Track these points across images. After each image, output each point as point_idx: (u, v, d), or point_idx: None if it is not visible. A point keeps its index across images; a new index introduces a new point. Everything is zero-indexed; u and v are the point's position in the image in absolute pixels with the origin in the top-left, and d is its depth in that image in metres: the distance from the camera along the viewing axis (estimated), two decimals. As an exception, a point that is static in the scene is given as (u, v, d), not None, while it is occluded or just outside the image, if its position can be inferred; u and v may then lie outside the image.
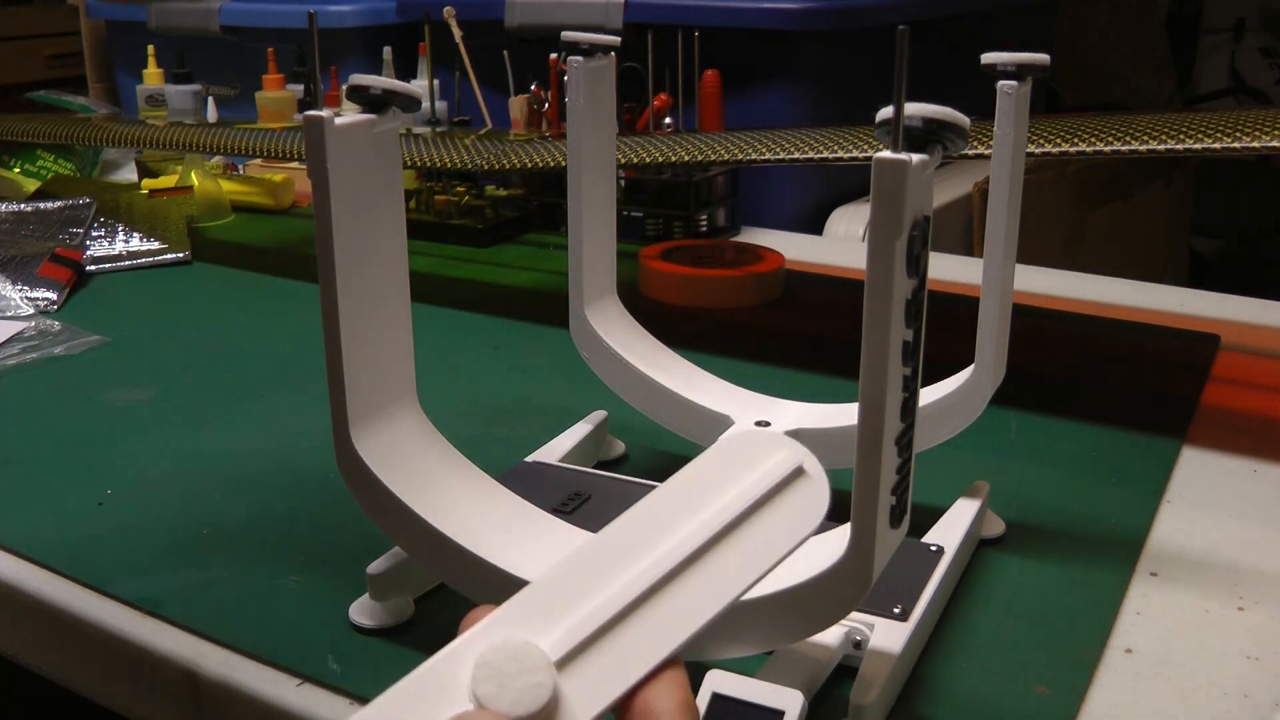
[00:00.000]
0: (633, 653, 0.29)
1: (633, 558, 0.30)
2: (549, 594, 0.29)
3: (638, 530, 0.31)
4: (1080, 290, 0.95)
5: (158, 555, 0.55)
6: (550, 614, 0.29)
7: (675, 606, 0.29)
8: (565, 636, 0.28)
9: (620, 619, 0.29)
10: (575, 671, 0.28)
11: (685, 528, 0.31)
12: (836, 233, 1.14)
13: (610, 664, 0.28)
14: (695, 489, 0.32)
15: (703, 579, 0.30)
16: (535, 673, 0.27)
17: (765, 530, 0.31)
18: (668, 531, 0.30)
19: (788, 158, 0.73)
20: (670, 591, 0.29)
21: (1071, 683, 0.45)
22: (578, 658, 0.28)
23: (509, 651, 0.27)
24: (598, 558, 0.30)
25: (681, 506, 0.31)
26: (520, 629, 0.28)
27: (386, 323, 0.45)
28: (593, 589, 0.29)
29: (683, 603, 0.29)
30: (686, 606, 0.29)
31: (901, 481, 0.38)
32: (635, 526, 0.31)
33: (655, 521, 0.31)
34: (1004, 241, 0.51)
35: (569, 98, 0.55)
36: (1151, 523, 0.58)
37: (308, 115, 0.40)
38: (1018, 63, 0.48)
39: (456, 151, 0.92)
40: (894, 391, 0.37)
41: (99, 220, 1.07)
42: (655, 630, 0.29)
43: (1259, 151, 0.59)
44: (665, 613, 0.29)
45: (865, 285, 0.36)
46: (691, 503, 0.31)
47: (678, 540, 0.30)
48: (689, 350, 0.62)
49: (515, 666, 0.27)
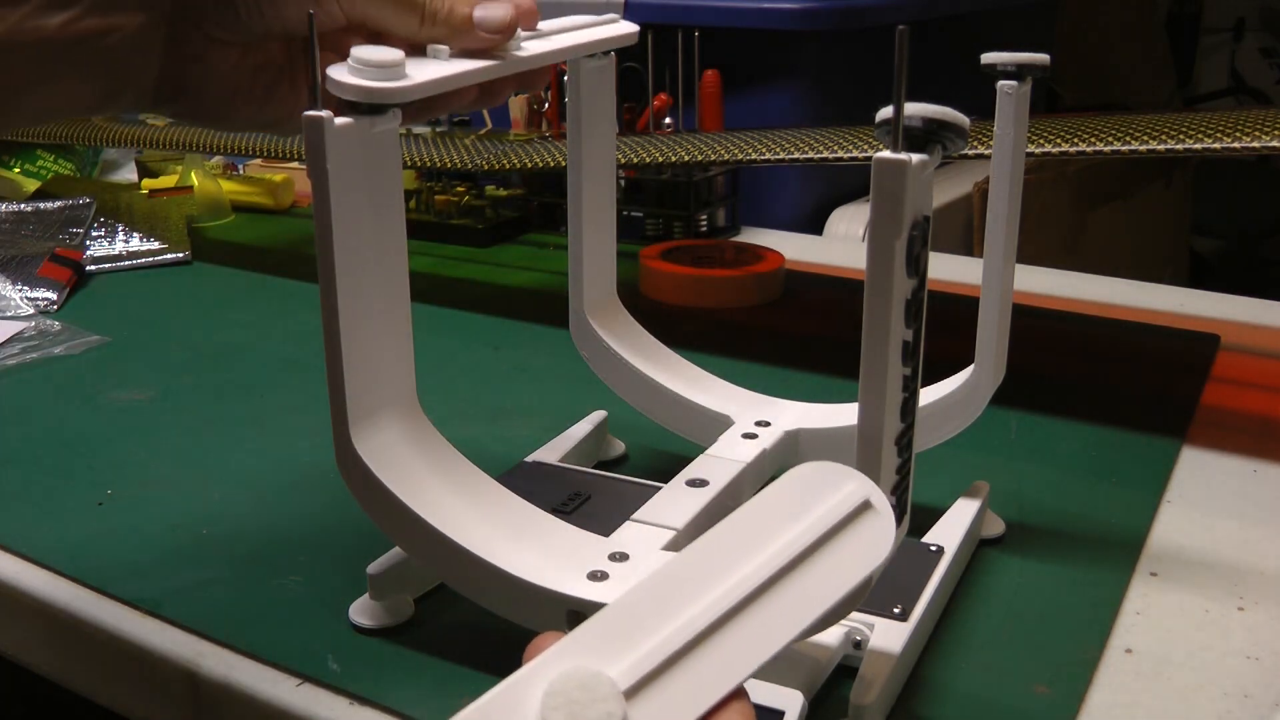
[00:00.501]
0: (701, 683, 0.29)
1: (702, 587, 0.30)
2: (618, 622, 0.29)
3: (707, 560, 0.31)
4: (1080, 290, 0.95)
5: (158, 555, 0.55)
6: (619, 643, 0.29)
7: (744, 638, 0.29)
8: (634, 666, 0.28)
9: (689, 649, 0.29)
10: (644, 701, 0.28)
11: (755, 559, 0.31)
12: (836, 233, 1.14)
13: (679, 694, 0.28)
14: (765, 519, 0.32)
15: (771, 611, 0.30)
16: (606, 701, 0.27)
17: (833, 563, 0.31)
18: (737, 562, 0.31)
19: (788, 158, 0.73)
20: (739, 622, 0.30)
21: (1071, 683, 0.45)
22: (647, 687, 0.28)
23: (579, 679, 0.27)
24: (667, 587, 0.30)
25: (751, 537, 0.31)
26: (589, 657, 0.28)
27: (386, 323, 0.45)
28: (662, 618, 0.29)
29: (751, 634, 0.30)
30: (755, 638, 0.29)
31: (901, 481, 0.39)
32: (705, 556, 0.31)
33: (725, 551, 0.31)
34: (1004, 241, 0.51)
35: (569, 98, 0.55)
36: (1151, 523, 0.58)
37: (308, 115, 0.40)
38: (1018, 63, 0.48)
39: (456, 151, 0.92)
40: (894, 391, 0.37)
41: (99, 220, 1.07)
42: (724, 661, 0.29)
43: (1259, 151, 0.59)
44: (734, 644, 0.29)
45: (865, 285, 0.36)
46: (762, 533, 0.31)
47: (747, 571, 0.30)
48: (689, 350, 0.62)
49: (586, 695, 0.27)
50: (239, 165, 1.29)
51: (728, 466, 0.52)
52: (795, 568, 0.31)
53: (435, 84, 0.43)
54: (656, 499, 0.50)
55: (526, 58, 0.47)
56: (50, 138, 1.10)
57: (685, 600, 0.30)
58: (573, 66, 0.54)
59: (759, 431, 0.55)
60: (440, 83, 0.43)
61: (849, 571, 0.31)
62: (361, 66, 0.40)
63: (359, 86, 0.41)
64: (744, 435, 0.55)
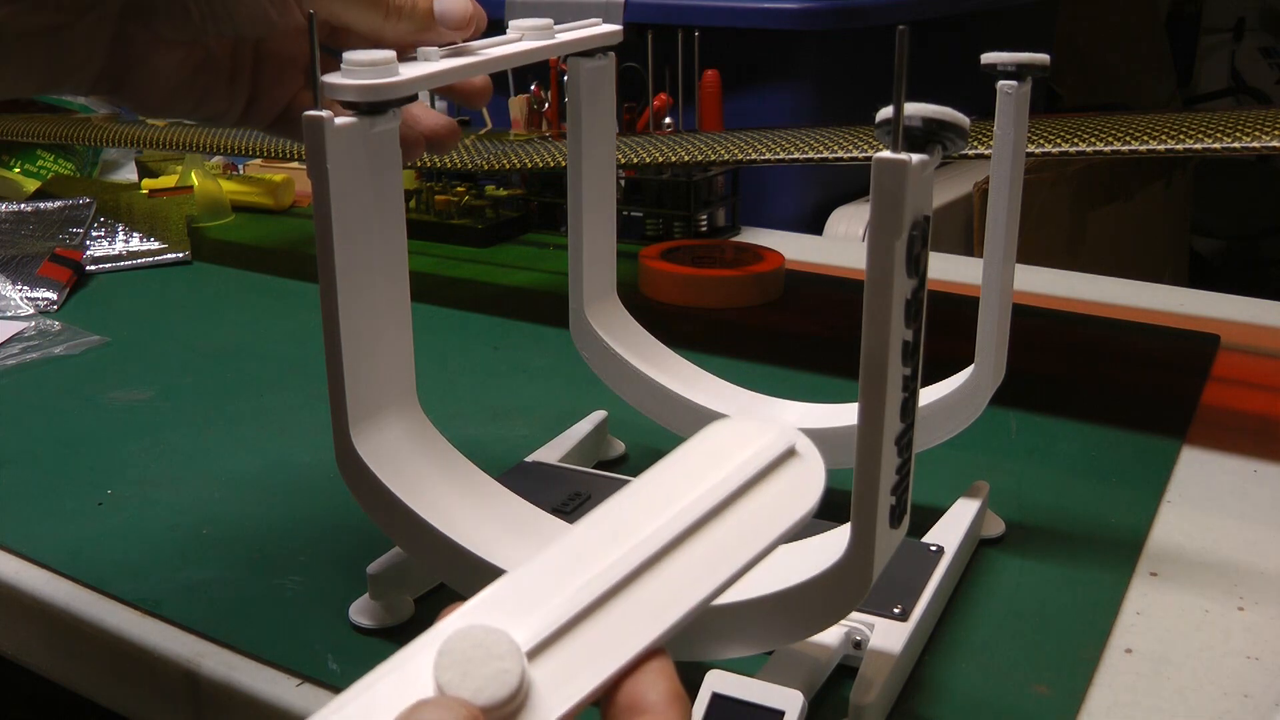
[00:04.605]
0: (612, 641, 0.27)
1: (612, 545, 0.28)
2: (524, 583, 0.28)
3: (618, 518, 0.29)
4: (1080, 290, 0.95)
5: (158, 555, 0.55)
6: (524, 603, 0.27)
7: (658, 593, 0.28)
8: (539, 625, 0.27)
9: (598, 606, 0.27)
10: (549, 661, 0.27)
11: (668, 513, 0.29)
12: (836, 233, 1.14)
13: (588, 653, 0.27)
14: (679, 475, 0.30)
15: (688, 565, 0.28)
16: (502, 660, 0.26)
17: (755, 514, 0.29)
18: (650, 518, 0.29)
19: (788, 158, 0.73)
20: (652, 578, 0.28)
21: (1071, 683, 0.45)
22: (552, 646, 0.27)
23: (474, 638, 0.26)
24: (576, 547, 0.29)
25: (665, 493, 0.30)
26: (492, 618, 0.27)
27: (386, 323, 0.45)
28: (570, 577, 0.28)
29: (666, 589, 0.28)
30: (670, 593, 0.28)
31: (901, 481, 0.39)
32: (616, 514, 0.29)
33: (637, 509, 0.29)
34: (1004, 241, 0.51)
35: (569, 98, 0.55)
36: (1151, 523, 0.58)
37: (308, 115, 0.40)
38: (1018, 63, 0.48)
39: (456, 151, 0.92)
40: (894, 391, 0.37)
41: (99, 220, 1.07)
42: (637, 618, 0.27)
43: (1259, 151, 0.59)
44: (647, 600, 0.28)
45: (865, 285, 0.36)
46: (676, 488, 0.30)
47: (660, 526, 0.29)
48: (689, 350, 0.62)
49: (480, 653, 0.26)
50: (239, 165, 1.29)
51: (728, 466, 0.52)
52: (713, 519, 0.29)
53: (428, 79, 0.43)
54: (656, 499, 0.50)
55: (509, 55, 0.47)
56: (50, 138, 1.10)
57: (594, 558, 0.28)
58: (573, 66, 0.54)
59: (759, 431, 0.55)
60: (432, 78, 0.43)
61: (772, 522, 0.29)
62: (355, 67, 0.40)
63: (357, 86, 0.41)
64: (744, 435, 0.55)
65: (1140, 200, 1.66)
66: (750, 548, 0.29)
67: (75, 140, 1.08)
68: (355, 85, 0.41)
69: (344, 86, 0.41)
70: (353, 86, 0.41)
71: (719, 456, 0.30)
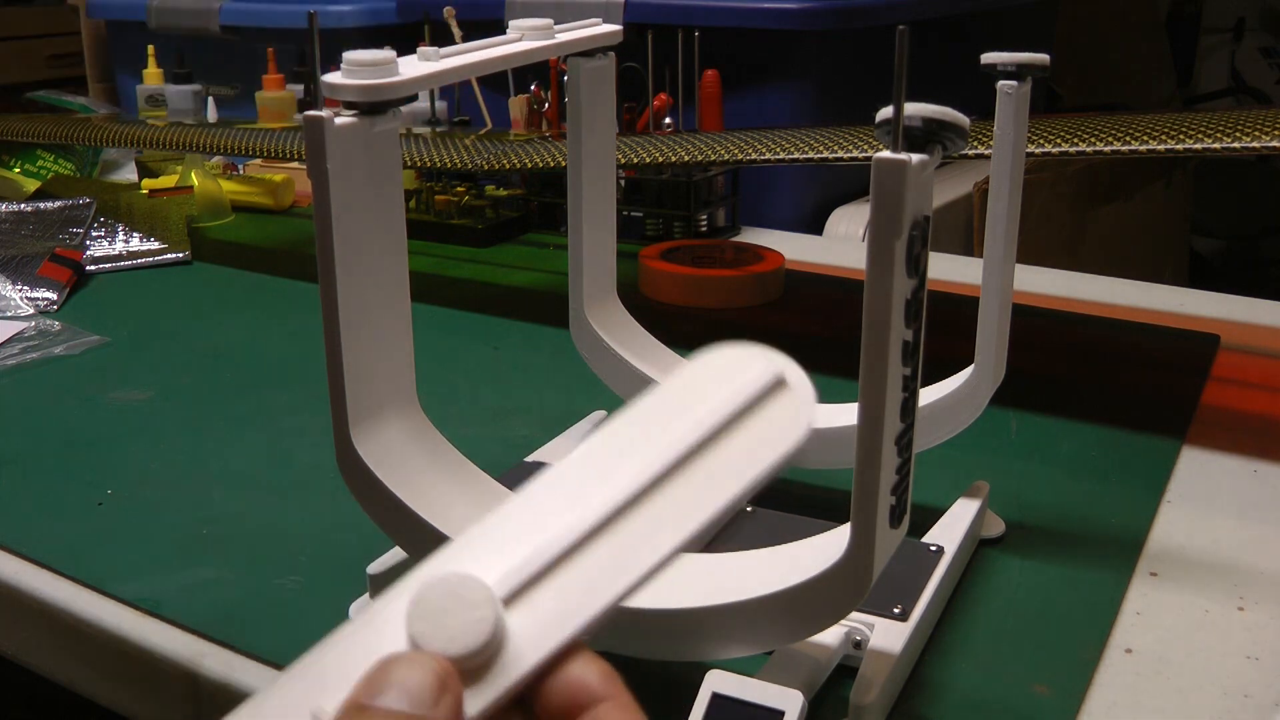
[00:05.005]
0: (591, 585, 0.26)
1: (592, 486, 0.27)
2: (502, 528, 0.27)
3: (598, 458, 0.28)
4: (1080, 290, 0.95)
5: (158, 555, 0.55)
6: (502, 548, 0.26)
7: (638, 535, 0.27)
8: (516, 570, 0.26)
9: (578, 549, 0.26)
10: (526, 608, 0.26)
11: (649, 452, 0.28)
12: (836, 233, 1.14)
13: (567, 597, 0.26)
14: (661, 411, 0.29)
15: (668, 505, 0.27)
16: (475, 608, 0.25)
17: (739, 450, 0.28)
18: (630, 457, 0.28)
19: (788, 158, 0.73)
20: (632, 519, 0.27)
21: (1071, 683, 0.45)
22: (530, 592, 0.26)
23: (449, 586, 0.25)
24: (556, 488, 0.28)
25: (646, 431, 0.28)
26: (469, 564, 0.26)
27: (386, 323, 0.45)
28: (549, 519, 0.27)
29: (646, 531, 0.27)
30: (650, 534, 0.27)
31: (901, 481, 0.39)
32: (595, 454, 0.28)
33: (617, 448, 0.28)
34: (1004, 241, 0.51)
35: (569, 98, 0.55)
36: (1151, 523, 0.58)
37: (308, 115, 0.40)
38: (1018, 63, 0.48)
39: (456, 151, 0.92)
40: (894, 391, 0.37)
41: (99, 220, 1.07)
42: (616, 560, 0.26)
43: (1259, 151, 0.59)
44: (627, 542, 0.27)
45: (865, 285, 0.36)
46: (657, 426, 0.28)
47: (640, 465, 0.27)
48: (689, 350, 0.62)
49: (453, 602, 0.25)
50: (239, 165, 1.29)
51: (728, 466, 0.52)
52: (694, 458, 0.28)
53: (427, 79, 0.43)
54: (656, 499, 0.50)
55: (509, 55, 0.47)
56: (50, 138, 1.10)
57: (572, 502, 0.27)
58: (573, 66, 0.54)
59: (759, 431, 0.55)
60: (432, 78, 0.43)
61: (757, 457, 0.28)
62: (355, 67, 0.40)
63: (357, 86, 0.41)
64: (744, 435, 0.55)
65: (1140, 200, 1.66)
66: (733, 486, 0.28)
67: (75, 140, 1.08)
68: (355, 85, 0.41)
69: (344, 86, 0.41)
70: (353, 86, 0.41)
71: (702, 390, 0.29)
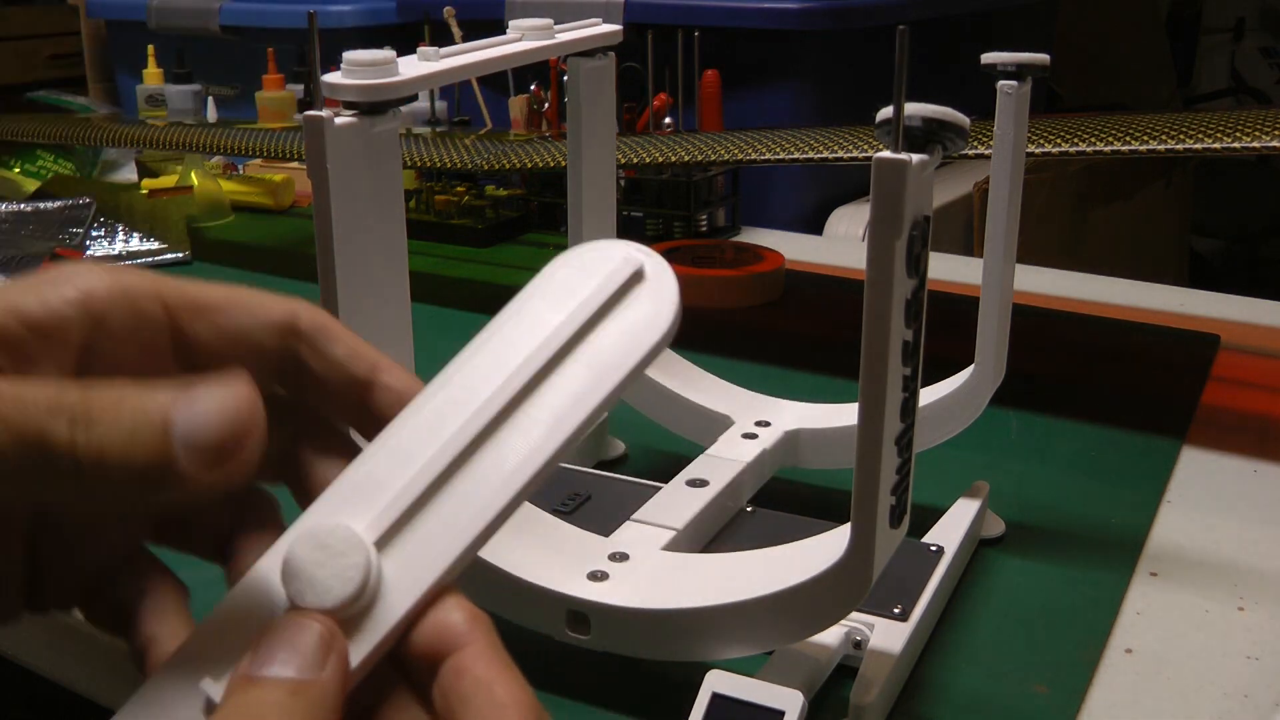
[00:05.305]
0: (462, 515, 0.26)
1: (454, 414, 0.27)
2: (367, 472, 0.26)
3: (457, 385, 0.27)
4: (1080, 290, 0.95)
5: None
6: (369, 492, 0.26)
7: (507, 456, 0.26)
8: (383, 513, 0.25)
9: (445, 480, 0.26)
10: (400, 548, 0.25)
11: (507, 370, 0.27)
12: (836, 233, 1.14)
13: (438, 531, 0.25)
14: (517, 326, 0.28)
15: (534, 421, 0.27)
16: (344, 555, 0.24)
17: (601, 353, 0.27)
18: (489, 378, 0.27)
19: (788, 158, 0.73)
20: (499, 441, 0.26)
21: (1071, 683, 0.45)
22: (400, 533, 0.25)
23: (317, 539, 0.24)
24: (417, 423, 0.27)
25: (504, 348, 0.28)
26: (337, 513, 0.26)
27: (387, 323, 0.45)
28: (414, 455, 0.26)
29: (515, 450, 0.26)
30: (520, 453, 0.26)
31: (901, 481, 0.39)
32: (454, 381, 0.27)
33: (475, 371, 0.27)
34: (1004, 241, 0.51)
35: (569, 98, 0.55)
36: (1151, 523, 0.58)
37: (308, 115, 0.40)
38: (1018, 63, 0.48)
39: (456, 151, 0.92)
40: (894, 391, 0.37)
41: (99, 220, 1.07)
42: (487, 485, 0.26)
43: (1259, 151, 0.59)
44: (496, 465, 0.26)
45: (865, 285, 0.36)
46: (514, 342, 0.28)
47: (500, 385, 0.27)
48: (689, 350, 0.62)
49: (323, 554, 0.24)
50: (239, 165, 1.29)
51: (728, 466, 0.52)
52: (556, 368, 0.27)
53: (427, 79, 0.43)
54: (656, 499, 0.50)
55: (509, 55, 0.47)
56: (50, 138, 1.10)
57: (437, 431, 0.27)
58: (573, 66, 0.54)
59: (759, 431, 0.55)
60: (432, 78, 0.43)
61: (622, 358, 0.27)
62: (355, 68, 0.40)
63: (357, 85, 0.41)
64: (744, 435, 0.55)
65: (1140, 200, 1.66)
66: (599, 390, 0.27)
67: (75, 140, 1.08)
68: (355, 85, 0.41)
69: (344, 86, 0.41)
70: (353, 86, 0.41)
71: (558, 297, 0.28)
